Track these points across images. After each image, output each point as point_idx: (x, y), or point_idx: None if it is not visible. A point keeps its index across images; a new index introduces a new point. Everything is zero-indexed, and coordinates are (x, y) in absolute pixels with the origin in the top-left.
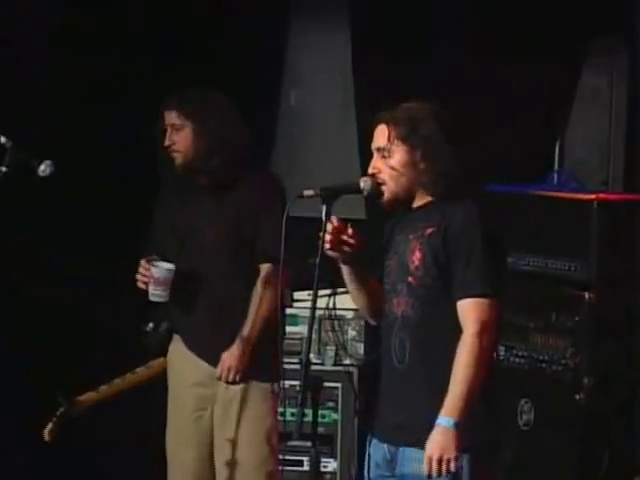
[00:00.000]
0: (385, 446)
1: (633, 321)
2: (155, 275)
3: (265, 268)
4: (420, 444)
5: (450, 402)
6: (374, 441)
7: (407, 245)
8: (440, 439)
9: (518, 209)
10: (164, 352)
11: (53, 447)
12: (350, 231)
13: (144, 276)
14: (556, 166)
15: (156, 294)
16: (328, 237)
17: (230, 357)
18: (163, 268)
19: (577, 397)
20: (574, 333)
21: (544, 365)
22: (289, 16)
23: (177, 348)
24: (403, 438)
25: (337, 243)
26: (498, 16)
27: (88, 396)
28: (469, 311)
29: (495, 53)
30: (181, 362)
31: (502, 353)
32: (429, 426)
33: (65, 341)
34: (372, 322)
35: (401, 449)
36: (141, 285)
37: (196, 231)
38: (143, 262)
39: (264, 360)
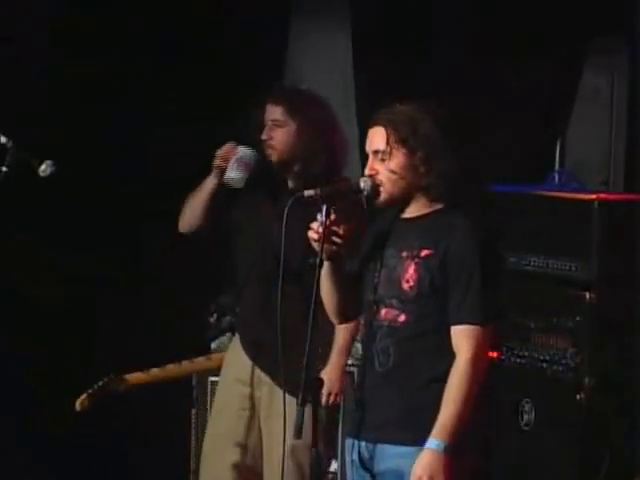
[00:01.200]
0: (363, 444)
1: (633, 321)
2: (239, 155)
3: None
4: (398, 440)
5: (440, 425)
6: (352, 441)
7: (399, 262)
8: (429, 463)
9: (519, 209)
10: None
11: (51, 449)
12: (341, 231)
13: (226, 154)
14: (557, 166)
15: (235, 173)
16: (320, 228)
17: (331, 381)
18: (250, 151)
19: (578, 397)
20: (575, 333)
21: (545, 365)
22: (290, 16)
23: (235, 345)
24: (381, 436)
25: (326, 236)
26: (498, 16)
27: (134, 376)
28: (464, 338)
29: (495, 53)
30: (234, 359)
31: (503, 353)
32: (405, 424)
33: (65, 341)
34: (334, 321)
35: (379, 446)
36: (220, 163)
37: (270, 231)
38: (229, 144)
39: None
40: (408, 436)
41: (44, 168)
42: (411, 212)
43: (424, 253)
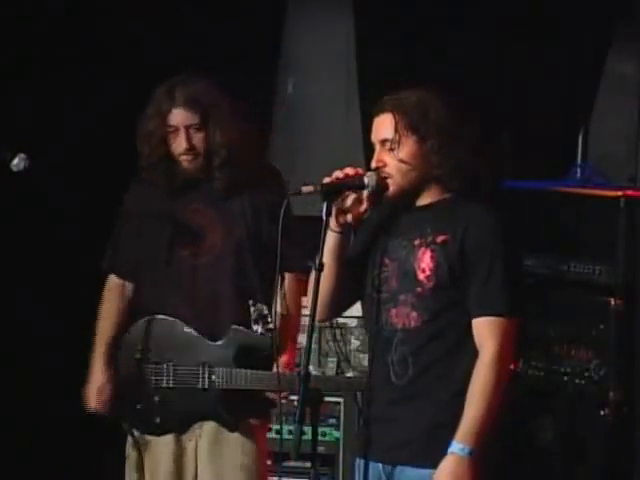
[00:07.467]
0: (380, 466)
1: None
2: None
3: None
4: (420, 462)
5: (465, 428)
6: (365, 462)
7: (412, 251)
8: (454, 469)
9: (537, 207)
10: None
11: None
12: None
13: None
14: (579, 159)
15: None
16: (350, 171)
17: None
18: None
19: (602, 413)
20: (598, 343)
21: (565, 378)
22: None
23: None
24: (402, 456)
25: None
26: None
27: None
28: (487, 330)
29: (512, 38)
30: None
31: (519, 365)
32: (430, 442)
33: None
34: (320, 317)
35: (398, 468)
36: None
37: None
38: None
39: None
40: (432, 456)
41: (17, 162)
42: (421, 201)
43: (440, 239)
